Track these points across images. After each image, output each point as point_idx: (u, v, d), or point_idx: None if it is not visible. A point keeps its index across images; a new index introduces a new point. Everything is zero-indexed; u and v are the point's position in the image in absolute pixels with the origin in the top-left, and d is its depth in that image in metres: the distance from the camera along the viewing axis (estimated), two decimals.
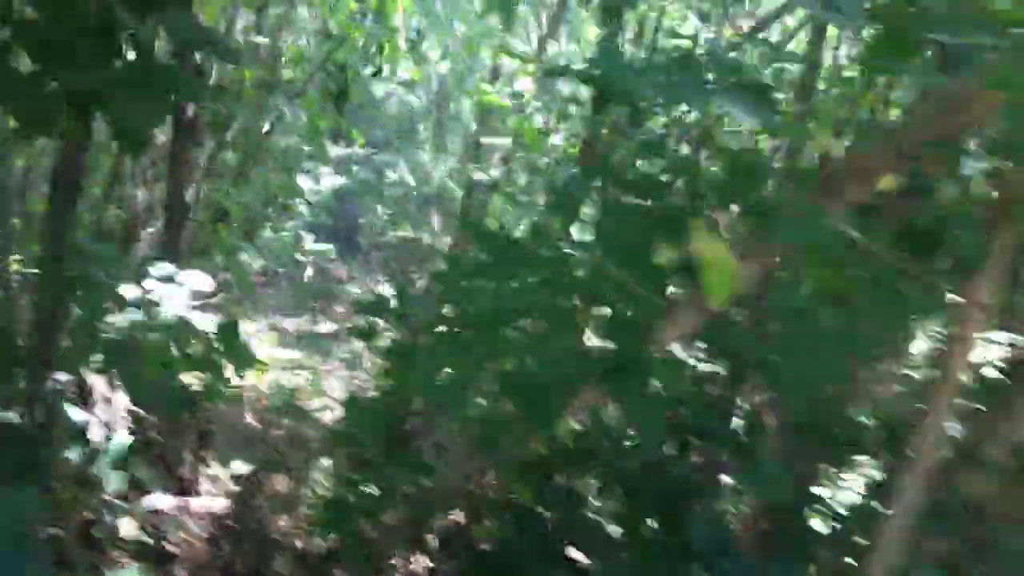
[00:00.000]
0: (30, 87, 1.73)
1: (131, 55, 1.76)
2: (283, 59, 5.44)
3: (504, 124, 8.36)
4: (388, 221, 14.72)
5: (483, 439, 2.14)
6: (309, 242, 11.72)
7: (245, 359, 2.95)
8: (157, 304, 3.00)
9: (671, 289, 1.78)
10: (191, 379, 2.99)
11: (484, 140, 5.96)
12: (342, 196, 11.26)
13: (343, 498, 2.67)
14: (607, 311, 1.72)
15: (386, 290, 12.12)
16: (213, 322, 3.02)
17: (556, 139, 4.87)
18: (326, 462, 7.18)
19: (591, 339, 1.76)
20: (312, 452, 7.60)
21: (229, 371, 3.08)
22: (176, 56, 3.30)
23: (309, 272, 12.65)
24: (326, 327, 12.96)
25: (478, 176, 5.78)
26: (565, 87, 9.00)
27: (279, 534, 3.61)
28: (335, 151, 6.27)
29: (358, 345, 11.70)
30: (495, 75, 6.68)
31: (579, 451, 2.07)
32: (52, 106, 1.73)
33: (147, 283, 3.04)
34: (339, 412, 9.32)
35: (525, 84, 6.15)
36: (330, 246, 11.32)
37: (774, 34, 5.62)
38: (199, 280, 3.14)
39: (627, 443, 2.20)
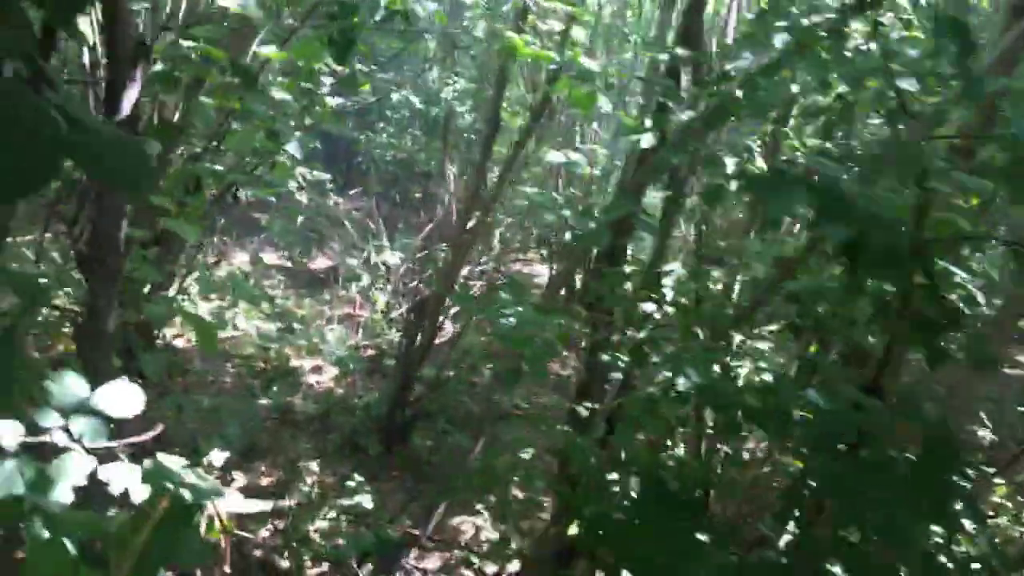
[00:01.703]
0: None
1: None
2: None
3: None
4: (389, 144, 13.48)
5: None
6: (303, 171, 10.43)
7: (196, 552, 1.87)
8: (58, 452, 1.92)
9: None
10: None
11: (549, 158, 4.67)
12: (340, 119, 9.92)
13: None
14: None
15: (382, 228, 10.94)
16: (140, 478, 1.95)
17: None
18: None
19: None
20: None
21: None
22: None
23: (304, 202, 11.46)
24: (320, 263, 11.86)
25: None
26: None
27: None
28: (333, 101, 5.02)
29: (353, 288, 10.64)
30: (524, 13, 5.24)
31: None
32: None
33: (42, 417, 1.94)
34: (334, 374, 8.32)
35: (576, 33, 4.89)
36: (327, 176, 9.95)
37: None
38: (125, 400, 2.04)
39: None
